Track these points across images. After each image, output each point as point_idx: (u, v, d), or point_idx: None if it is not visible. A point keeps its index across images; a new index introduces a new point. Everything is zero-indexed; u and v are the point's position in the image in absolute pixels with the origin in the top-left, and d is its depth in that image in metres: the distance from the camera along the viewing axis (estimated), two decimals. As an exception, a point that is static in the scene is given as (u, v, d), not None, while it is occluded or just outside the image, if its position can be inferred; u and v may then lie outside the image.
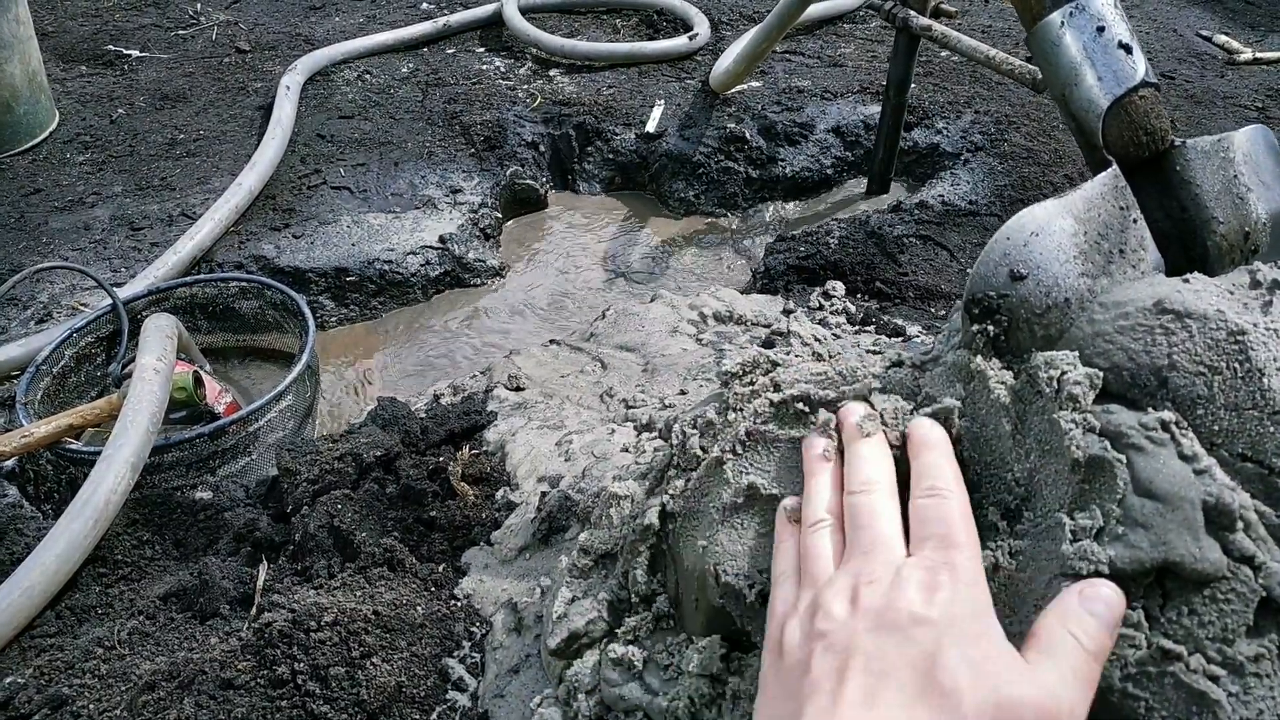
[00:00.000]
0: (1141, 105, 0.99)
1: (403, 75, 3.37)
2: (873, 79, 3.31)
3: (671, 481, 1.05)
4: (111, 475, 1.60)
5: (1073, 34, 1.01)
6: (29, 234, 2.55)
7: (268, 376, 2.39)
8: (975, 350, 0.93)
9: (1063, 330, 0.93)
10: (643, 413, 1.61)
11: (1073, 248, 0.92)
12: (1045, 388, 0.88)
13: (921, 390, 0.98)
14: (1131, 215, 0.96)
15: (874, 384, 0.98)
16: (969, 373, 0.94)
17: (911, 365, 1.00)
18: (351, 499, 1.46)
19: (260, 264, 2.48)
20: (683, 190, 2.99)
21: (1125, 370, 0.88)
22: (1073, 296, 0.92)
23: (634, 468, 1.31)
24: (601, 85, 3.29)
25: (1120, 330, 0.89)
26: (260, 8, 4.03)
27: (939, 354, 1.01)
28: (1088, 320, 0.91)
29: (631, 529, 1.07)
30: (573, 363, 2.00)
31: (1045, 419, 0.88)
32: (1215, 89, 3.35)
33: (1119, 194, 0.96)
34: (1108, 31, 1.00)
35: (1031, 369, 0.90)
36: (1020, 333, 0.92)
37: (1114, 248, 0.95)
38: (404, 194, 2.75)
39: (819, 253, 2.41)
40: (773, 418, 1.00)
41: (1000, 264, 0.91)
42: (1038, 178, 2.78)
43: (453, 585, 1.32)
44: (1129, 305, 0.91)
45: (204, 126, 3.07)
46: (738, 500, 0.98)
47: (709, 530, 0.98)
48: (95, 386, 2.24)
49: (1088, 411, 0.86)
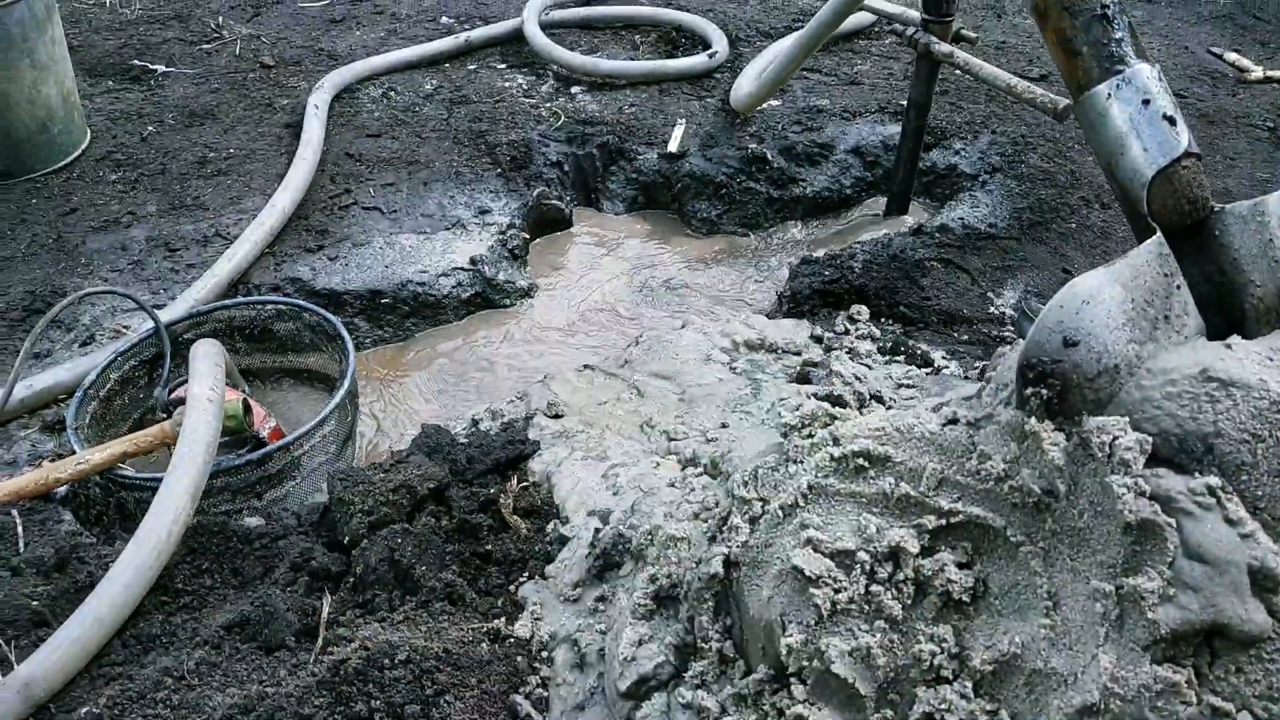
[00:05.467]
0: (1185, 175, 1.05)
1: (427, 92, 3.42)
2: (890, 97, 3.35)
3: (734, 531, 1.11)
4: (172, 506, 1.65)
5: (1119, 105, 1.06)
6: (68, 254, 2.60)
7: (304, 398, 2.44)
8: (1029, 412, 0.99)
9: (1112, 394, 0.98)
10: (685, 446, 1.66)
11: (1121, 315, 0.98)
12: (1098, 452, 0.94)
13: (977, 448, 1.03)
14: (1175, 281, 1.01)
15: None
16: (1023, 433, 1.00)
17: (966, 424, 1.05)
18: (410, 533, 1.51)
19: (296, 286, 2.53)
20: (705, 210, 3.05)
21: (1173, 436, 0.94)
22: (1122, 362, 0.98)
23: (684, 506, 1.37)
24: (623, 103, 3.34)
25: (1168, 397, 0.95)
26: (281, 21, 4.07)
27: (991, 411, 1.06)
28: (1136, 386, 0.97)
29: (696, 575, 1.13)
30: (609, 389, 2.05)
31: (1098, 481, 0.94)
32: (1227, 108, 3.40)
33: (1164, 261, 1.01)
34: (1153, 104, 1.05)
35: (1084, 433, 0.95)
36: (1072, 396, 0.97)
37: (1159, 314, 1.00)
38: (434, 215, 2.80)
39: (843, 277, 2.46)
40: (834, 472, 1.06)
41: (1054, 331, 0.97)
42: (1055, 200, 2.83)
43: (513, 619, 1.38)
44: (1175, 372, 0.96)
45: (233, 144, 3.11)
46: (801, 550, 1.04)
47: (774, 582, 1.04)
48: (139, 408, 2.29)
49: (1139, 476, 0.92)
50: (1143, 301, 0.99)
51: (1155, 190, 1.06)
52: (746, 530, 1.09)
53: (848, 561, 1.01)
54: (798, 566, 0.99)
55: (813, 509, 1.05)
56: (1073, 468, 0.96)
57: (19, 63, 2.72)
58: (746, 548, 1.08)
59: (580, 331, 2.66)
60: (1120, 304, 0.98)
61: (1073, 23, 1.10)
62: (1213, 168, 3.05)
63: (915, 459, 1.03)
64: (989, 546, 1.01)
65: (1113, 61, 1.06)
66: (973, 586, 1.00)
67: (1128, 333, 0.98)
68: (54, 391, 2.20)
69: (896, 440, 1.06)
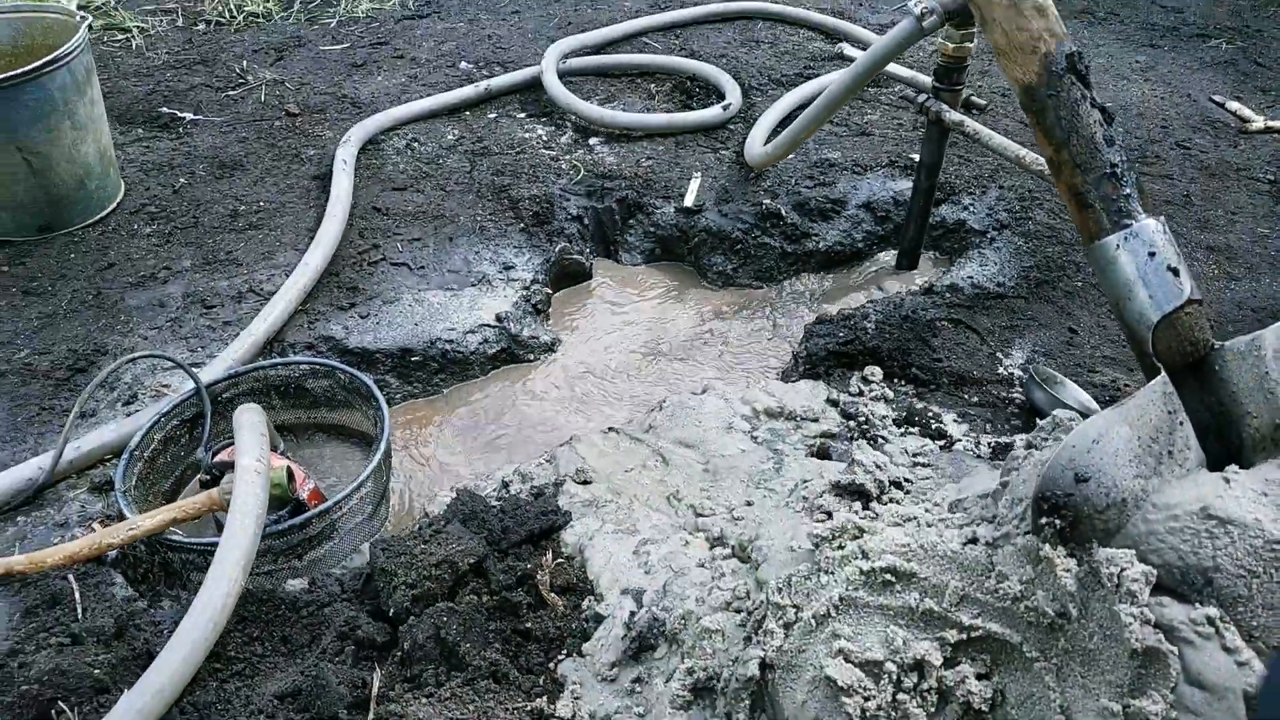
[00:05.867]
0: (1187, 320, 1.14)
1: (449, 143, 3.52)
2: (900, 150, 3.45)
3: (769, 635, 1.20)
4: (225, 578, 1.74)
5: (1127, 255, 1.15)
6: (107, 311, 2.70)
7: (337, 454, 2.54)
8: (1044, 539, 1.08)
9: (1120, 525, 1.07)
10: (712, 523, 1.75)
11: (1128, 453, 1.07)
12: (1107, 581, 1.03)
13: (995, 568, 1.13)
14: (1178, 418, 1.11)
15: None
16: (1038, 558, 1.09)
17: (985, 544, 1.15)
18: (455, 612, 1.60)
19: (330, 344, 2.62)
20: (721, 263, 3.14)
21: (1176, 568, 1.03)
22: (1129, 496, 1.07)
23: (716, 593, 1.46)
24: (640, 155, 3.44)
25: (1171, 531, 1.04)
26: (303, 65, 4.17)
27: (1008, 532, 1.15)
28: (1142, 519, 1.06)
29: (734, 675, 1.22)
30: (634, 455, 2.14)
31: (1107, 608, 1.03)
32: (1229, 159, 3.49)
33: (1167, 400, 1.10)
34: (1158, 256, 1.14)
35: (1095, 563, 1.04)
36: (1083, 526, 1.07)
37: (1163, 449, 1.09)
38: (460, 271, 2.90)
39: (857, 338, 2.55)
40: (863, 585, 1.15)
41: (1067, 468, 1.06)
42: (1061, 257, 2.93)
43: (554, 698, 1.46)
44: (1178, 508, 1.06)
45: (263, 197, 3.21)
46: (833, 660, 1.13)
47: (808, 687, 1.13)
48: (180, 465, 2.39)
49: (1144, 605, 1.01)
50: (1148, 439, 1.08)
51: (1160, 333, 1.15)
52: (781, 635, 1.18)
53: (876, 671, 1.10)
54: (831, 677, 1.08)
55: (843, 619, 1.14)
56: (1084, 593, 1.04)
57: (60, 125, 2.82)
58: (781, 652, 1.17)
59: (604, 387, 2.75)
60: (1127, 442, 1.07)
61: (1084, 179, 1.19)
62: (1214, 223, 3.14)
63: (938, 576, 1.12)
64: (1006, 659, 1.09)
65: (1121, 215, 1.15)
66: (991, 697, 1.09)
67: (1134, 468, 1.07)
68: (100, 452, 2.29)
69: (921, 557, 1.15)
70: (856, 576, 1.15)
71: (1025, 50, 1.22)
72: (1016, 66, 1.25)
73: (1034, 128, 1.28)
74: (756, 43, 4.32)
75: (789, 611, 1.19)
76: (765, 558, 1.42)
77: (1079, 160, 1.20)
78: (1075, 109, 1.20)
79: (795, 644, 1.16)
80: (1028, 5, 1.21)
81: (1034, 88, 1.23)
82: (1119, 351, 2.61)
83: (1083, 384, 2.44)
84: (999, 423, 2.37)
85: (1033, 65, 1.22)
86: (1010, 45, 1.24)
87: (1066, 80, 1.20)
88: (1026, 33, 1.21)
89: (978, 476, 1.60)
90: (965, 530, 1.18)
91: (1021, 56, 1.23)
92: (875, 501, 1.53)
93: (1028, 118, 1.30)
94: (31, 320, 2.64)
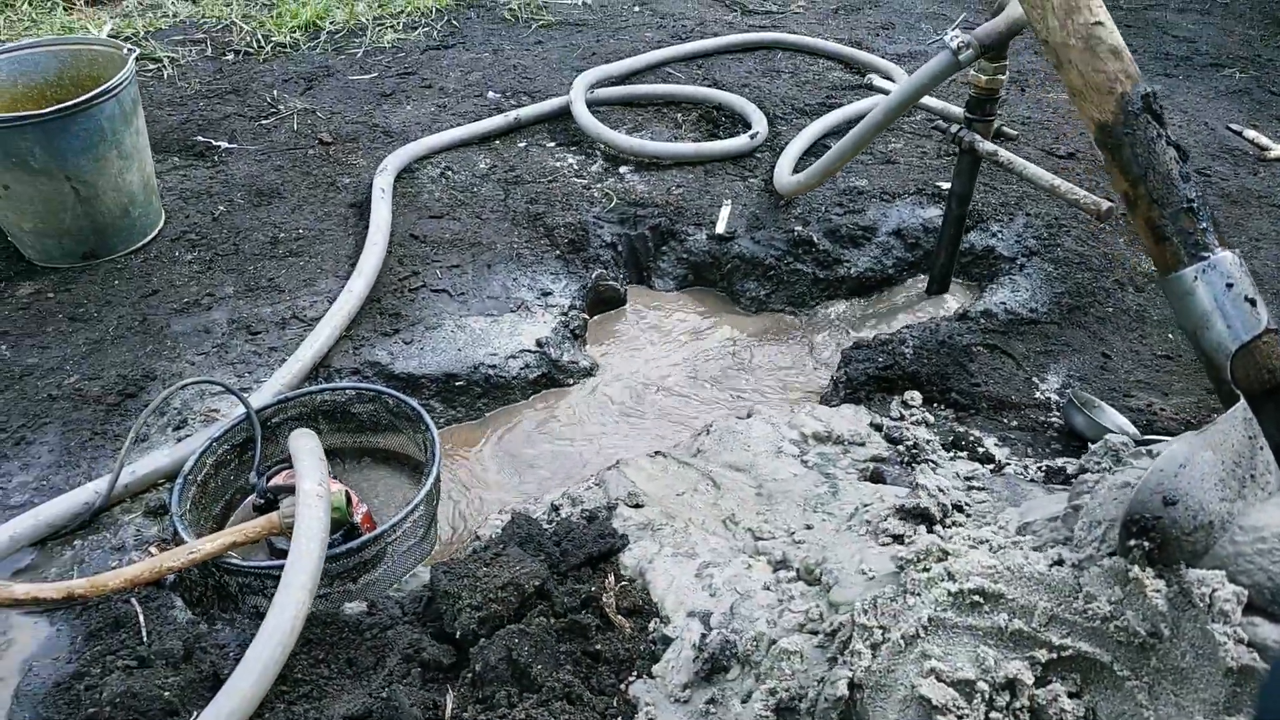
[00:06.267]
0: (1265, 349, 1.18)
1: (482, 171, 3.57)
2: (926, 178, 3.51)
3: (857, 655, 1.22)
4: (293, 602, 1.77)
5: (1205, 287, 1.20)
6: (153, 338, 2.73)
7: (383, 477, 2.56)
8: (1132, 560, 1.12)
9: (1208, 547, 1.11)
10: (773, 547, 1.78)
11: (1214, 476, 1.10)
12: (1199, 602, 1.06)
13: (1082, 589, 1.16)
14: (1259, 443, 1.14)
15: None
16: (1126, 578, 1.12)
17: (1071, 566, 1.18)
18: (526, 633, 1.62)
19: (375, 369, 2.66)
20: (754, 289, 3.19)
21: (1266, 589, 1.06)
22: (1215, 519, 1.10)
23: (788, 615, 1.49)
24: (670, 184, 3.49)
25: (1259, 553, 1.08)
26: (333, 95, 4.23)
27: (1093, 554, 1.18)
28: (1230, 541, 1.10)
29: (821, 695, 1.24)
30: (684, 479, 2.17)
31: (1199, 628, 1.06)
32: (1250, 187, 3.55)
33: (1248, 425, 1.14)
34: (1236, 288, 1.19)
35: (1186, 584, 1.08)
36: (1171, 548, 1.10)
37: (1246, 473, 1.13)
38: (499, 297, 2.94)
39: (896, 363, 2.59)
40: (951, 606, 1.18)
41: (1155, 491, 1.09)
42: (1091, 283, 2.97)
43: (628, 719, 1.49)
44: (1265, 530, 1.09)
45: (301, 224, 3.26)
46: (925, 679, 1.15)
47: (899, 707, 1.15)
48: (230, 489, 2.42)
49: (1237, 625, 1.04)
50: (1231, 463, 1.12)
51: (1238, 362, 1.19)
52: (869, 655, 1.21)
53: (968, 690, 1.12)
54: (924, 696, 1.11)
55: (933, 640, 1.17)
56: (1175, 613, 1.08)
57: (108, 154, 2.87)
58: (870, 672, 1.20)
59: (642, 410, 2.78)
60: (1212, 466, 1.10)
61: (1161, 213, 1.24)
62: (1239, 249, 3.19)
63: (1026, 597, 1.16)
64: (1096, 678, 1.12)
65: (1198, 249, 1.20)
66: (1084, 715, 1.11)
67: (1220, 492, 1.10)
68: (154, 477, 2.32)
69: (1008, 579, 1.18)
70: (945, 598, 1.18)
71: (1101, 91, 1.27)
72: (1093, 106, 1.30)
73: (1108, 163, 1.32)
74: (777, 72, 4.39)
75: (876, 632, 1.22)
76: (836, 580, 1.45)
77: (1155, 195, 1.24)
78: (1151, 146, 1.25)
79: (884, 664, 1.18)
80: (1104, 48, 1.26)
81: (1110, 126, 1.28)
82: (1153, 376, 2.65)
83: (1118, 408, 2.48)
84: (1039, 446, 2.40)
85: (1109, 105, 1.27)
86: (1087, 86, 1.29)
87: (1143, 119, 1.25)
88: (1103, 74, 1.26)
89: (1038, 500, 1.63)
90: (1049, 552, 1.21)
91: (1098, 97, 1.28)
92: (939, 525, 1.56)
93: (1102, 154, 1.35)
94: (80, 346, 2.68)
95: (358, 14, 5.05)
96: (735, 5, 5.36)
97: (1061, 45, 1.32)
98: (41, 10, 4.93)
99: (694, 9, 5.26)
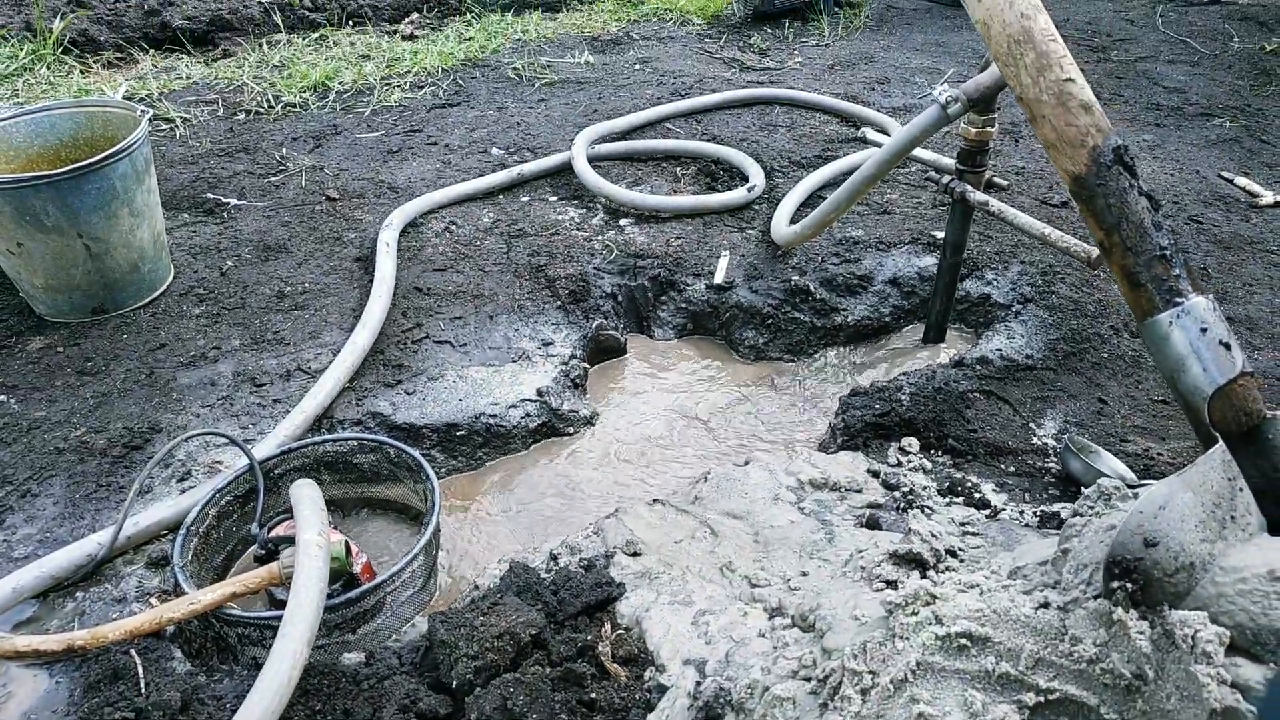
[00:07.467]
0: (1240, 392, 1.20)
1: (485, 225, 3.64)
2: (921, 227, 3.56)
3: (847, 700, 1.23)
4: (290, 653, 1.77)
5: (1180, 332, 1.23)
6: (160, 390, 2.77)
7: (384, 528, 2.58)
8: (1116, 602, 1.13)
9: (1190, 588, 1.12)
10: (769, 594, 1.79)
11: (1194, 518, 1.12)
12: (1182, 643, 1.07)
13: (1068, 631, 1.16)
14: (1238, 484, 1.16)
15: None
16: (1110, 620, 1.13)
17: (1057, 608, 1.19)
18: (522, 682, 1.63)
19: (378, 420, 2.69)
20: (753, 338, 3.22)
21: (1247, 629, 1.07)
22: (1197, 560, 1.11)
23: (782, 662, 1.49)
24: (670, 235, 3.55)
25: (1240, 594, 1.09)
26: (341, 152, 4.33)
27: (1078, 596, 1.20)
28: (1211, 582, 1.11)
29: (813, 740, 1.25)
30: (682, 526, 2.18)
31: (1183, 669, 1.07)
32: (1242, 234, 3.59)
33: (1227, 467, 1.16)
34: (1210, 332, 1.21)
35: (1169, 625, 1.08)
36: (1154, 589, 1.11)
37: (1226, 514, 1.14)
38: (501, 347, 2.98)
39: (893, 410, 2.61)
40: (939, 650, 1.19)
41: (1136, 533, 1.11)
42: (1086, 329, 3.00)
43: (623, 769, 1.49)
44: (1245, 571, 1.10)
45: (307, 278, 3.32)
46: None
47: (890, 751, 1.16)
48: (232, 540, 2.43)
49: (1220, 665, 1.05)
50: (1211, 504, 1.14)
51: (1215, 404, 1.21)
52: (859, 701, 1.21)
53: (957, 735, 1.13)
54: (913, 740, 1.11)
55: (921, 684, 1.17)
56: (1159, 654, 1.08)
57: (119, 212, 2.94)
58: (860, 717, 1.20)
59: (642, 458, 2.80)
60: (1192, 507, 1.12)
61: (1135, 261, 1.27)
62: (1233, 295, 3.22)
63: (1013, 640, 1.16)
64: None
65: (1173, 294, 1.23)
66: (1072, 760, 1.11)
67: (1200, 533, 1.12)
68: (157, 528, 2.34)
69: (995, 622, 1.19)
70: (932, 642, 1.19)
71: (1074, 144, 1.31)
72: (1066, 159, 1.34)
73: (1084, 213, 1.36)
74: (774, 126, 4.49)
75: (866, 677, 1.22)
76: (830, 626, 1.45)
77: (1129, 243, 1.28)
78: (1123, 197, 1.29)
79: (874, 709, 1.19)
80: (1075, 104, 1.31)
81: (1084, 178, 1.32)
82: (1149, 421, 2.66)
83: (1115, 453, 2.49)
84: (1036, 492, 2.41)
85: (1081, 157, 1.31)
86: (1060, 140, 1.33)
87: (1115, 171, 1.29)
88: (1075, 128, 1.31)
89: (1031, 545, 1.64)
90: (1035, 595, 1.22)
91: (1070, 150, 1.32)
92: (933, 570, 1.57)
93: (1077, 204, 1.39)
94: (87, 399, 2.72)
95: (366, 74, 5.19)
96: (734, 62, 5.49)
97: (1035, 101, 1.36)
98: (59, 74, 5.08)
99: (693, 66, 5.39)
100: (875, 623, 1.30)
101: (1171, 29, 6.03)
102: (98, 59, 5.35)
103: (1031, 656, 1.14)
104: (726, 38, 5.96)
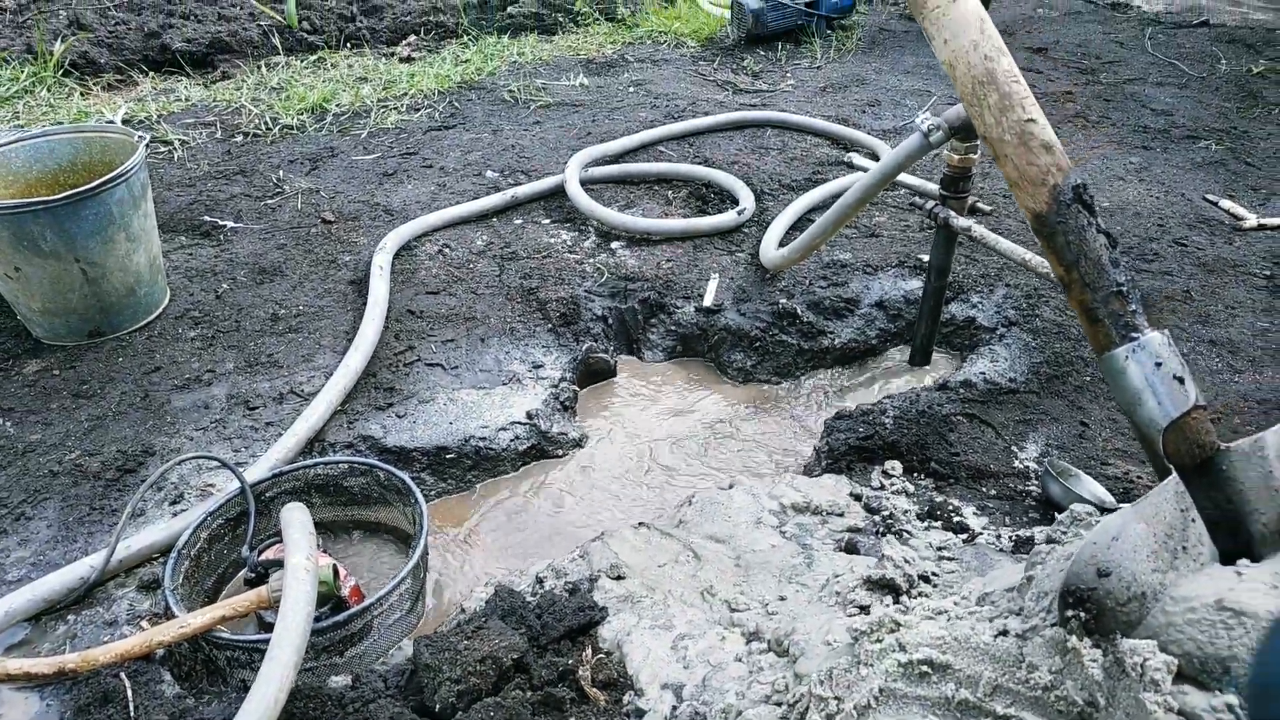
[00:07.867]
0: (1193, 425, 1.24)
1: (479, 248, 3.69)
2: (908, 250, 3.61)
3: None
4: (277, 677, 1.80)
5: (1135, 366, 1.27)
6: (154, 413, 2.81)
7: (373, 551, 2.61)
8: (1070, 630, 1.16)
9: (1141, 617, 1.15)
10: (748, 618, 1.82)
11: (1146, 548, 1.16)
12: (1131, 671, 1.10)
13: (1025, 659, 1.20)
14: (1190, 515, 1.19)
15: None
16: (1065, 648, 1.16)
17: (1015, 636, 1.22)
18: (502, 706, 1.66)
19: (368, 443, 2.73)
20: (741, 360, 3.26)
21: (1195, 658, 1.10)
22: (1148, 590, 1.15)
23: (756, 687, 1.52)
24: (660, 258, 3.60)
25: (1189, 623, 1.12)
26: (336, 175, 4.39)
27: (1036, 624, 1.23)
28: (1161, 611, 1.14)
29: (780, 766, 1.28)
30: (666, 550, 2.22)
31: (1132, 697, 1.10)
32: (1225, 256, 3.64)
33: (1180, 498, 1.19)
34: (1164, 366, 1.25)
35: (1120, 653, 1.12)
36: (1106, 618, 1.14)
37: (1178, 545, 1.18)
38: (491, 370, 3.02)
39: (876, 433, 2.65)
40: (901, 676, 1.22)
41: (1089, 564, 1.14)
42: (1069, 353, 3.04)
43: (600, 792, 1.51)
44: (1195, 600, 1.13)
45: (301, 301, 3.36)
46: (876, 750, 1.19)
47: (853, 776, 1.19)
48: (223, 563, 2.46)
49: (1168, 693, 1.08)
50: (1164, 535, 1.17)
51: (1169, 437, 1.25)
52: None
53: (918, 760, 1.16)
54: (874, 766, 1.14)
55: (884, 710, 1.21)
56: (1110, 682, 1.12)
57: (116, 236, 2.99)
58: (825, 743, 1.23)
59: (630, 480, 2.84)
60: (1145, 538, 1.16)
61: (1093, 296, 1.31)
62: (1215, 318, 3.26)
63: (972, 667, 1.20)
64: (1041, 748, 1.16)
65: (1128, 330, 1.27)
66: (1029, 785, 1.14)
67: (1152, 563, 1.15)
68: (149, 551, 2.37)
69: (955, 649, 1.23)
70: (895, 668, 1.22)
71: (1035, 182, 1.35)
72: (1028, 196, 1.38)
73: (1045, 249, 1.40)
74: (766, 149, 4.54)
75: (831, 703, 1.26)
76: (803, 651, 1.48)
77: (1088, 280, 1.32)
78: (1082, 234, 1.33)
79: (839, 734, 1.22)
80: (1036, 143, 1.35)
81: (1044, 215, 1.36)
82: (1130, 445, 2.69)
83: (1096, 476, 2.52)
84: (1017, 515, 2.44)
85: (1042, 195, 1.35)
86: (1021, 178, 1.38)
87: (1074, 209, 1.33)
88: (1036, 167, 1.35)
89: (1002, 570, 1.67)
90: (996, 623, 1.25)
91: (1032, 188, 1.36)
92: (905, 595, 1.60)
93: (1039, 240, 1.43)
94: (82, 422, 2.76)
95: (363, 97, 5.26)
96: (727, 84, 5.55)
97: (998, 140, 1.41)
98: (59, 96, 5.14)
99: (687, 89, 5.45)
100: (843, 649, 1.34)
101: (1160, 51, 6.10)
102: (98, 81, 5.42)
103: (990, 684, 1.18)
104: (720, 60, 6.03)
